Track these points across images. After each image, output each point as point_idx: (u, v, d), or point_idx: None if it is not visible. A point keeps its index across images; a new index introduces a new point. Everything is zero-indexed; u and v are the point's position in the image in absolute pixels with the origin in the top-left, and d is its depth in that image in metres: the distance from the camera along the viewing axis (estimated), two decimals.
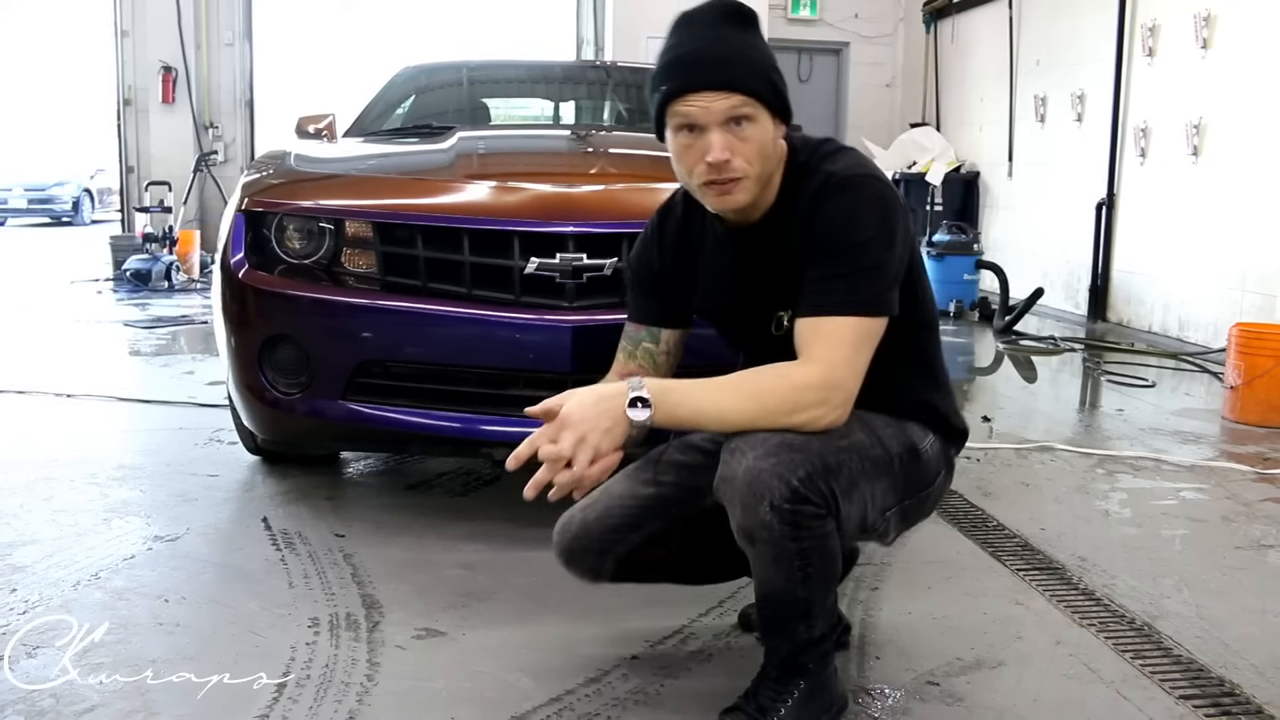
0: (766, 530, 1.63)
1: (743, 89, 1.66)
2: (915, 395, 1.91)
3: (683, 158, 1.72)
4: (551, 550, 1.96)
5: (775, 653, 1.80)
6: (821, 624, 1.76)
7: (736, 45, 1.68)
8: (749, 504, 1.63)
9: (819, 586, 1.71)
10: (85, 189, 18.83)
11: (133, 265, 8.37)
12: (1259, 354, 4.32)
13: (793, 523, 1.62)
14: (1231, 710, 1.97)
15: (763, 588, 1.73)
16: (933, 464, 1.90)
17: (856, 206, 1.70)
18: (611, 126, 4.40)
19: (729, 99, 1.65)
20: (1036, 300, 6.87)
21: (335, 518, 2.96)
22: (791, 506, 1.61)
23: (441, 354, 2.73)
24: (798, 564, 1.67)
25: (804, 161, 1.77)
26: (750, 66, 1.68)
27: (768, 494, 1.61)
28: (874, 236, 1.69)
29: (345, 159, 3.35)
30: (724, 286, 1.89)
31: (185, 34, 9.77)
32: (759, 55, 1.70)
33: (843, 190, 1.71)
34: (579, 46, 10.58)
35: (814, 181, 1.73)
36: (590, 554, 1.91)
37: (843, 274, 1.68)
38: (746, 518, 1.64)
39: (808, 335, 1.69)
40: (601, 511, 1.90)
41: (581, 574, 1.95)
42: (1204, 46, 6.27)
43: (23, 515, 2.93)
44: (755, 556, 1.70)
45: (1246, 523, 3.09)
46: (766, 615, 1.77)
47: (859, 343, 1.68)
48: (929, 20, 10.09)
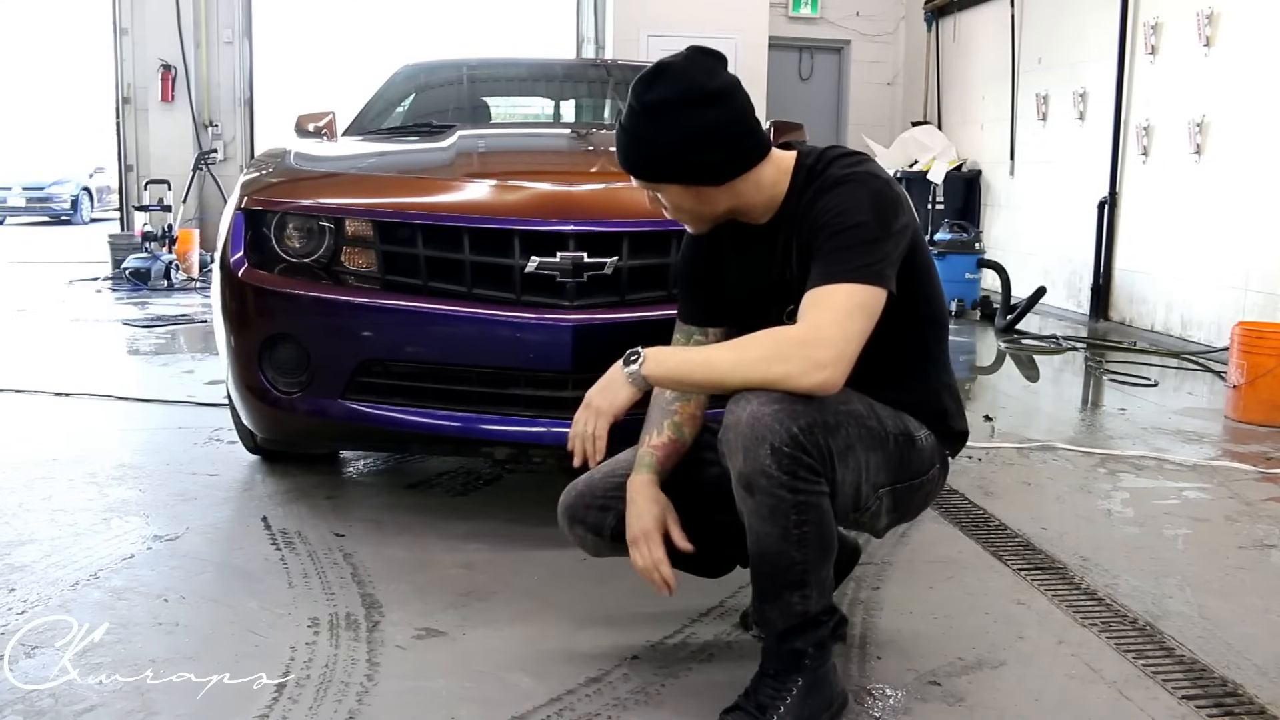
0: (765, 477, 1.68)
1: (640, 177, 1.86)
2: (916, 390, 1.94)
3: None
4: (556, 520, 2.02)
5: (771, 630, 1.80)
6: (816, 599, 1.77)
7: (638, 135, 1.81)
8: (750, 447, 1.68)
9: (814, 552, 1.74)
10: (84, 187, 18.80)
11: (132, 264, 8.36)
12: (1262, 353, 4.31)
13: (790, 471, 1.67)
14: (1234, 710, 1.96)
15: (757, 546, 1.75)
16: (927, 455, 1.93)
17: (850, 197, 1.79)
18: (612, 125, 4.39)
19: (639, 182, 1.89)
20: (1039, 299, 6.86)
21: (335, 517, 2.95)
22: (790, 451, 1.67)
23: (442, 353, 2.72)
24: (794, 518, 1.70)
25: (810, 166, 1.88)
26: (645, 159, 1.83)
27: (769, 436, 1.67)
28: (867, 221, 1.77)
29: (345, 158, 3.34)
30: (741, 281, 1.98)
31: (185, 32, 9.76)
32: (660, 143, 1.80)
33: (838, 185, 1.82)
34: (579, 45, 10.57)
35: (816, 183, 1.85)
36: (593, 509, 1.96)
37: (836, 248, 1.76)
38: (747, 463, 1.69)
39: (804, 306, 1.77)
40: (606, 471, 1.98)
41: (585, 532, 1.98)
42: (1207, 45, 6.26)
43: (22, 514, 2.93)
44: (753, 510, 1.72)
45: (1249, 522, 3.09)
46: (761, 582, 1.78)
47: (851, 309, 1.72)
48: (930, 18, 10.09)
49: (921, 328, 1.94)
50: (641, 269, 2.69)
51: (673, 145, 1.79)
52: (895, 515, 1.95)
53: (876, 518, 1.91)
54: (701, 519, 1.95)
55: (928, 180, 8.90)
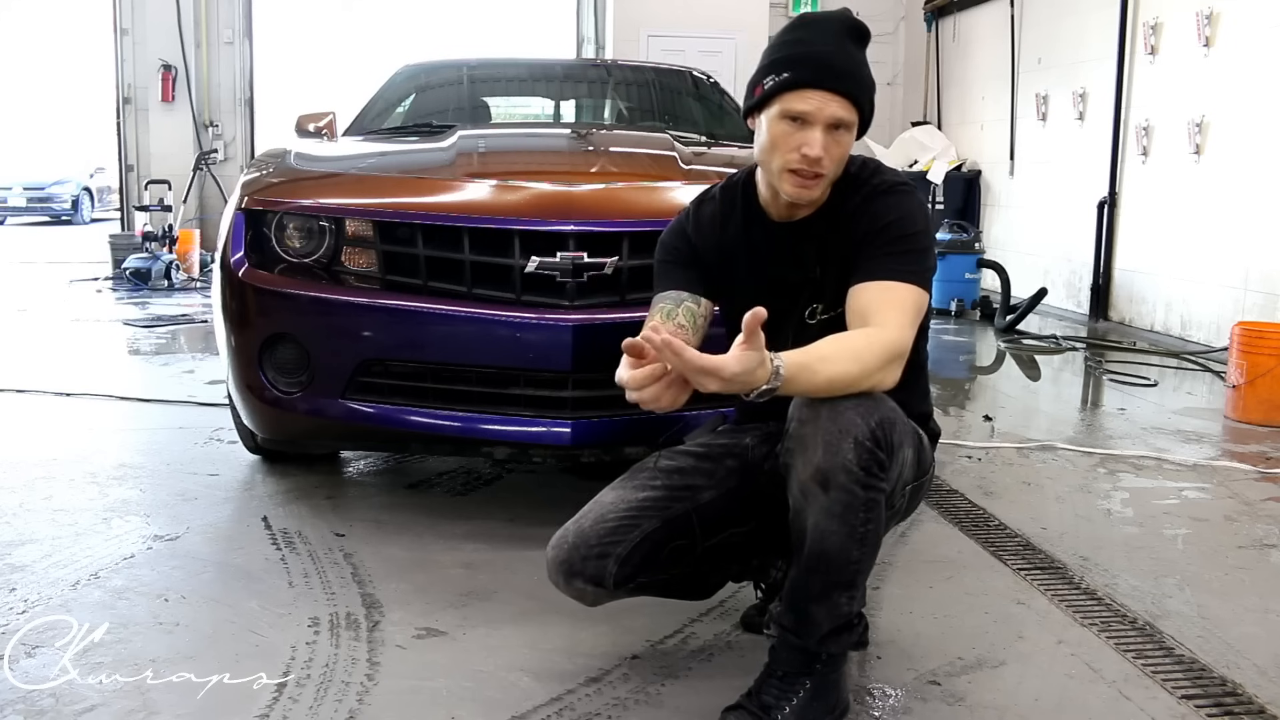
0: (845, 473, 1.67)
1: (853, 101, 1.81)
2: (912, 393, 1.97)
3: (778, 143, 1.83)
4: (555, 526, 1.95)
5: (814, 632, 1.76)
6: (859, 600, 1.80)
7: (858, 61, 1.84)
8: (832, 441, 1.67)
9: (869, 552, 1.75)
10: (85, 188, 18.79)
11: (132, 264, 8.36)
12: (1261, 353, 4.31)
13: (867, 466, 1.67)
14: (1234, 710, 1.96)
15: (819, 545, 1.71)
16: (928, 454, 1.99)
17: (907, 206, 1.88)
18: (612, 125, 4.39)
19: (842, 105, 1.79)
20: (1039, 301, 6.86)
21: (335, 517, 2.95)
22: (871, 447, 1.67)
23: (442, 353, 2.73)
24: (862, 516, 1.70)
25: (855, 173, 1.93)
26: (863, 84, 1.83)
27: (853, 430, 1.66)
28: (922, 231, 1.87)
29: (345, 157, 3.34)
30: (764, 273, 1.97)
31: (185, 32, 9.76)
32: (869, 76, 1.86)
33: (893, 192, 1.89)
34: (579, 45, 10.57)
35: (865, 188, 1.90)
36: (591, 559, 1.87)
37: (903, 251, 1.83)
38: (828, 457, 1.67)
39: (877, 299, 1.79)
40: (596, 517, 1.90)
41: (585, 585, 1.89)
42: (1206, 45, 6.26)
43: (22, 514, 2.93)
44: (824, 507, 1.69)
45: (1249, 522, 3.09)
46: (813, 583, 1.75)
47: (915, 311, 1.81)
48: (930, 18, 10.09)
49: (919, 336, 1.98)
50: (642, 269, 2.69)
51: (873, 81, 1.85)
52: (902, 515, 1.99)
53: (894, 517, 1.92)
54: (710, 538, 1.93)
55: (928, 180, 8.90)
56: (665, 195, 2.91)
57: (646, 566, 1.91)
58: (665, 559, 1.92)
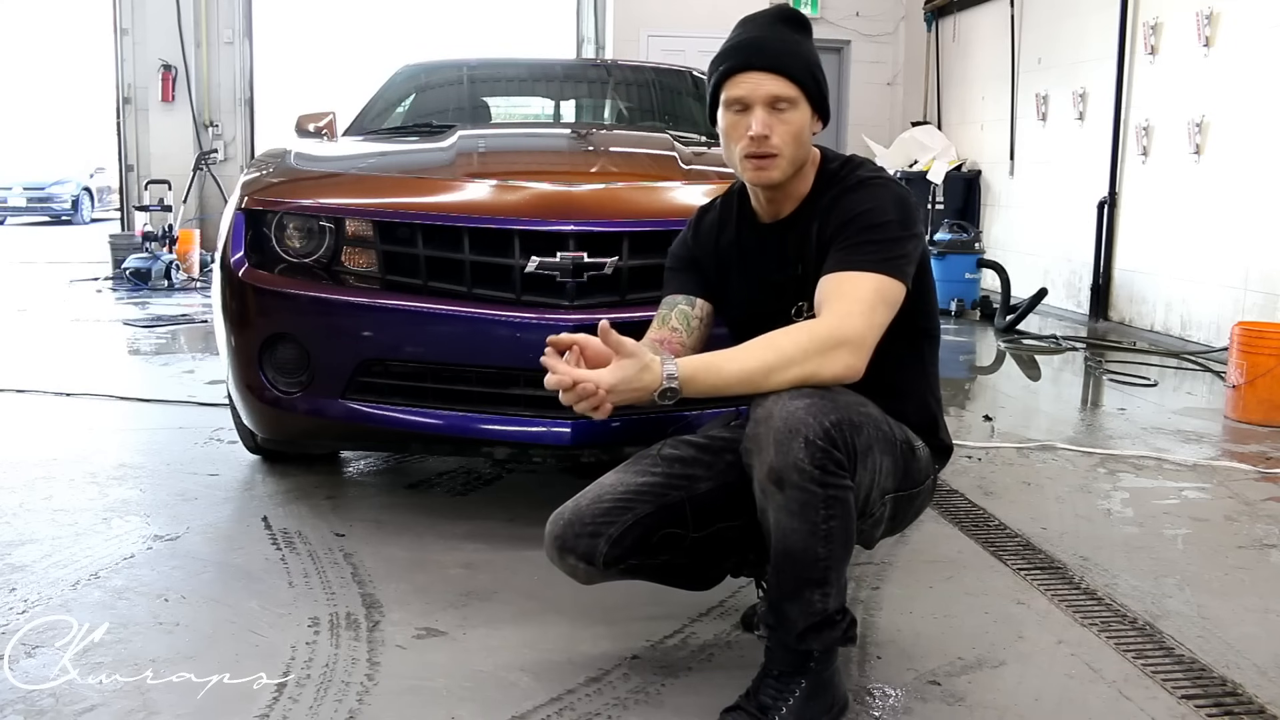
0: (797, 471, 1.67)
1: (787, 75, 1.84)
2: (913, 402, 2.01)
3: (730, 134, 1.89)
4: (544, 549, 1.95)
5: (790, 629, 1.77)
6: (835, 597, 1.78)
7: (788, 40, 1.88)
8: (783, 440, 1.67)
9: (838, 549, 1.74)
10: (85, 188, 18.81)
11: (132, 264, 8.36)
12: (1261, 353, 4.31)
13: (821, 465, 1.67)
14: (1234, 710, 1.96)
15: (783, 543, 1.73)
16: (923, 466, 1.98)
17: (877, 197, 1.87)
18: (612, 125, 4.39)
19: (775, 81, 1.84)
20: (1039, 301, 6.86)
21: (335, 517, 2.95)
22: (823, 445, 1.66)
23: (442, 353, 2.72)
24: (822, 513, 1.69)
25: (835, 170, 1.95)
26: (796, 58, 1.86)
27: (803, 429, 1.66)
28: (893, 221, 1.84)
29: (345, 157, 3.34)
30: (753, 274, 2.00)
31: (185, 32, 9.77)
32: (806, 51, 1.89)
33: (865, 186, 1.89)
34: (579, 45, 10.57)
35: (842, 184, 1.92)
36: (584, 537, 1.90)
37: (866, 241, 1.82)
38: (780, 456, 1.67)
39: (828, 291, 1.80)
40: (594, 497, 1.93)
41: (576, 561, 1.91)
42: (1206, 45, 6.26)
43: (22, 514, 2.93)
44: (781, 505, 1.70)
45: (1249, 522, 3.09)
46: (783, 580, 1.76)
47: (875, 301, 1.78)
48: (930, 18, 10.09)
49: (919, 341, 2.02)
50: (641, 269, 2.69)
51: (813, 58, 1.89)
52: (890, 525, 1.98)
53: (876, 525, 1.92)
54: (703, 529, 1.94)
55: (928, 180, 8.90)
56: (665, 195, 2.91)
57: (637, 549, 1.92)
58: (656, 544, 1.93)
